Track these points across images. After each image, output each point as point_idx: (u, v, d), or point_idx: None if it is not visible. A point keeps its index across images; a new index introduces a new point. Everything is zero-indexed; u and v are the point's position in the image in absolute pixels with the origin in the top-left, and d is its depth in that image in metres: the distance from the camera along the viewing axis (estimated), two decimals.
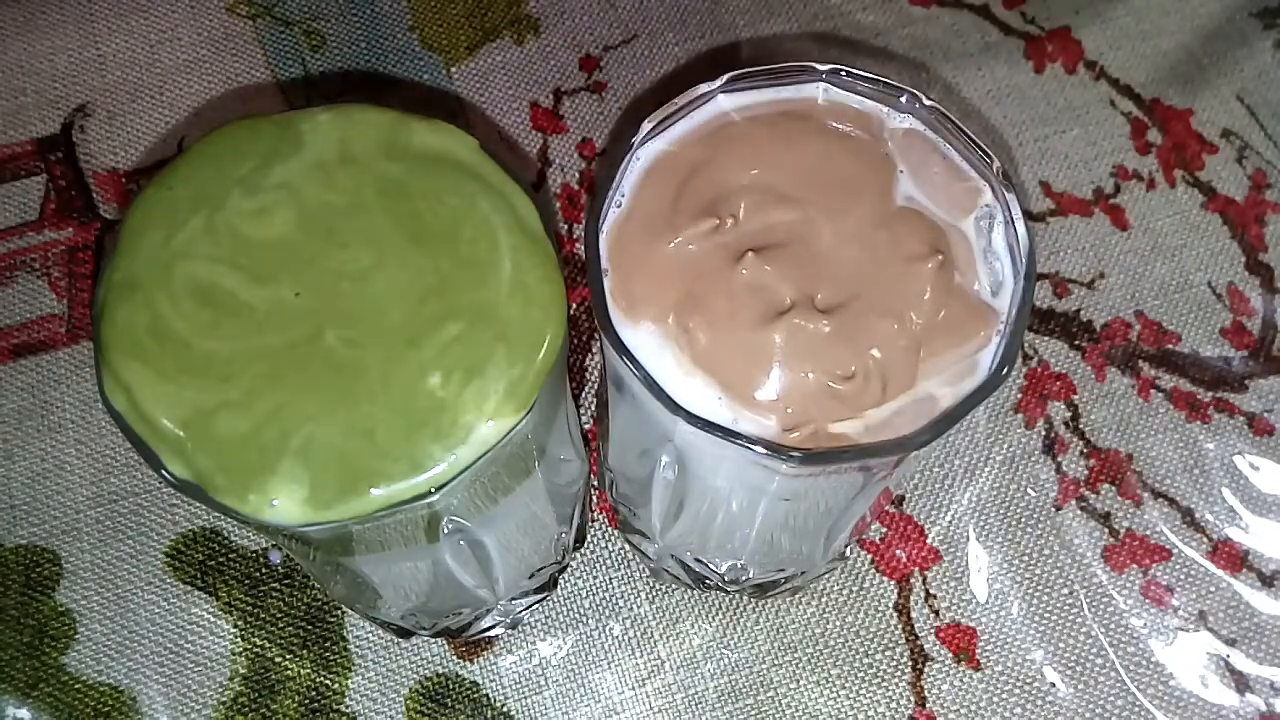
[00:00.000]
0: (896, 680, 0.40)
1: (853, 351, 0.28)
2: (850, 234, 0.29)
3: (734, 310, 0.28)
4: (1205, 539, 0.42)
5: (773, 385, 0.27)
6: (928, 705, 0.39)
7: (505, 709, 0.39)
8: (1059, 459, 0.43)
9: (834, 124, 0.31)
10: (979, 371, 0.28)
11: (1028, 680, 0.40)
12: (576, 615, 0.40)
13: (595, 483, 0.42)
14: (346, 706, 0.39)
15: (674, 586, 0.41)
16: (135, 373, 0.26)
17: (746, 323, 0.28)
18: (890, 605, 0.41)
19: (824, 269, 0.29)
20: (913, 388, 0.28)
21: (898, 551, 0.41)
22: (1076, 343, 0.45)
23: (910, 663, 0.40)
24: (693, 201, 0.30)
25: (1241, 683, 0.40)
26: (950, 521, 0.42)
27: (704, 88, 0.31)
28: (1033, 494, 0.43)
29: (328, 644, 0.40)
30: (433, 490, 0.25)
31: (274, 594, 0.40)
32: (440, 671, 0.39)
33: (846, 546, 0.38)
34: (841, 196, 0.30)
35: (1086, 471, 0.43)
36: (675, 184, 0.30)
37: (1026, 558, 0.41)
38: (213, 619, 0.40)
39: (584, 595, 0.41)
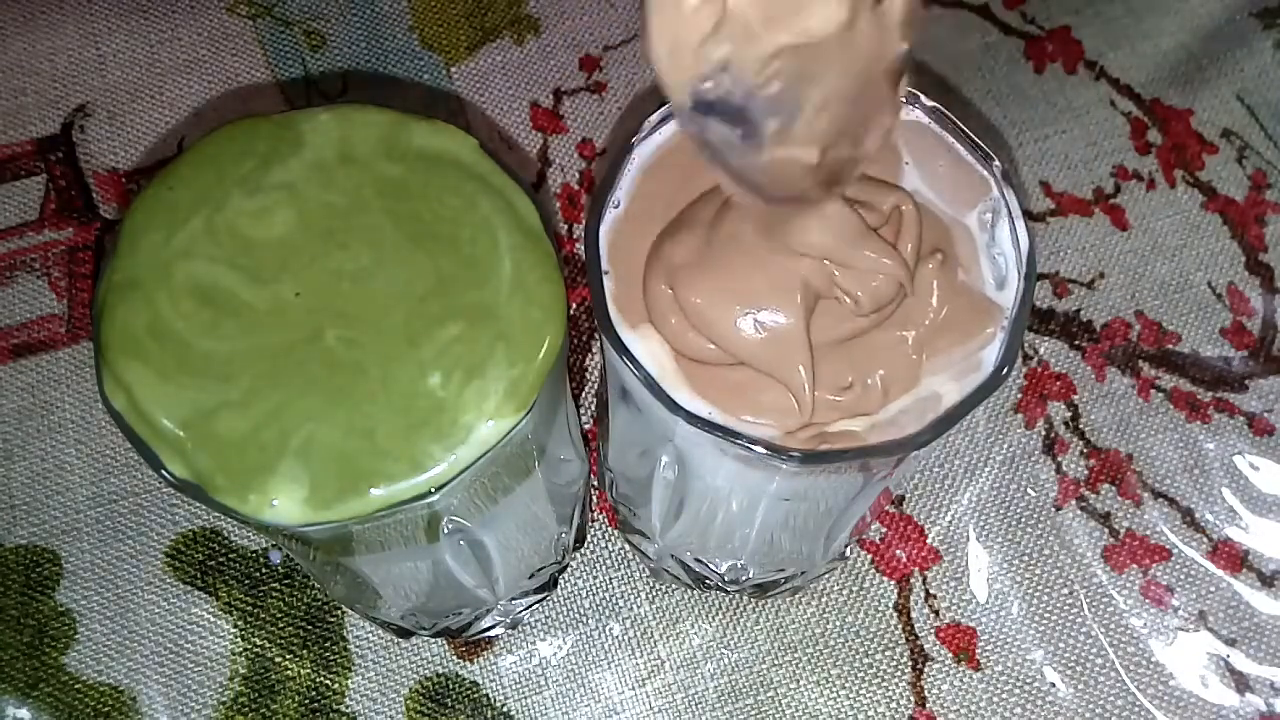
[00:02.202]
0: (896, 680, 0.40)
1: (850, 364, 0.28)
2: None
3: None
4: (1205, 539, 0.42)
5: (766, 408, 0.28)
6: (928, 705, 0.39)
7: (505, 709, 0.39)
8: (1059, 459, 0.43)
9: None
10: (983, 368, 0.28)
11: (1028, 680, 0.40)
12: (576, 615, 0.40)
13: (595, 483, 0.42)
14: (346, 706, 0.39)
15: (674, 586, 0.41)
16: (135, 373, 0.26)
17: None
18: (890, 605, 0.41)
19: None
20: (916, 386, 0.28)
21: (898, 551, 0.41)
22: (1076, 343, 0.45)
23: (910, 663, 0.40)
24: (691, 200, 0.30)
25: (1241, 683, 0.40)
26: (950, 521, 0.42)
27: None
28: (1033, 494, 0.43)
29: (328, 644, 0.40)
30: (433, 490, 0.25)
31: (274, 594, 0.40)
32: (440, 671, 0.39)
33: (846, 546, 0.38)
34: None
35: (1086, 471, 0.43)
36: (674, 184, 0.30)
37: (1026, 558, 0.41)
38: (213, 619, 0.40)
39: (584, 595, 0.41)
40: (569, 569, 0.41)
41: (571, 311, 0.45)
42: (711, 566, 0.37)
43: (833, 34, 0.21)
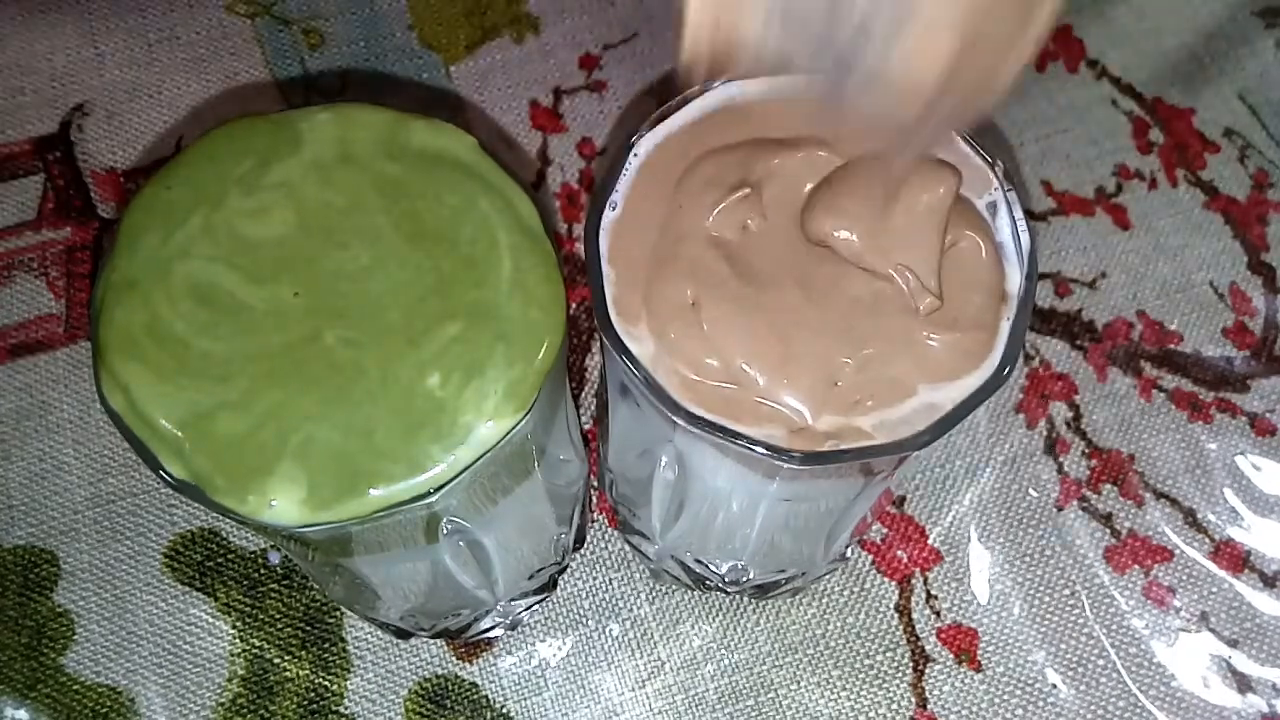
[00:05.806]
0: (897, 681, 0.39)
1: (856, 381, 0.28)
2: None
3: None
4: (1207, 539, 0.42)
5: (765, 417, 0.27)
6: (929, 706, 0.39)
7: (505, 710, 0.39)
8: (1060, 459, 0.43)
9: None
10: (984, 369, 0.28)
11: (1029, 681, 0.39)
12: (576, 616, 0.40)
13: (595, 483, 0.42)
14: (345, 708, 0.39)
15: (674, 587, 0.41)
16: (133, 373, 0.25)
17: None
18: (891, 606, 0.40)
19: None
20: (918, 391, 0.28)
21: (899, 552, 0.41)
22: (1078, 343, 0.45)
23: (911, 664, 0.40)
24: (692, 196, 0.29)
25: (1243, 684, 0.40)
26: (951, 522, 0.42)
27: (703, 86, 0.31)
28: (1034, 494, 0.43)
29: (326, 645, 0.39)
30: (432, 491, 0.25)
31: (273, 595, 0.40)
32: (439, 673, 0.39)
33: (847, 547, 0.38)
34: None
35: (1088, 472, 0.43)
36: (674, 183, 0.30)
37: (1028, 558, 0.41)
38: (211, 620, 0.40)
39: (584, 596, 0.41)
40: (569, 570, 0.41)
41: (571, 311, 0.45)
42: (712, 567, 0.37)
43: None
